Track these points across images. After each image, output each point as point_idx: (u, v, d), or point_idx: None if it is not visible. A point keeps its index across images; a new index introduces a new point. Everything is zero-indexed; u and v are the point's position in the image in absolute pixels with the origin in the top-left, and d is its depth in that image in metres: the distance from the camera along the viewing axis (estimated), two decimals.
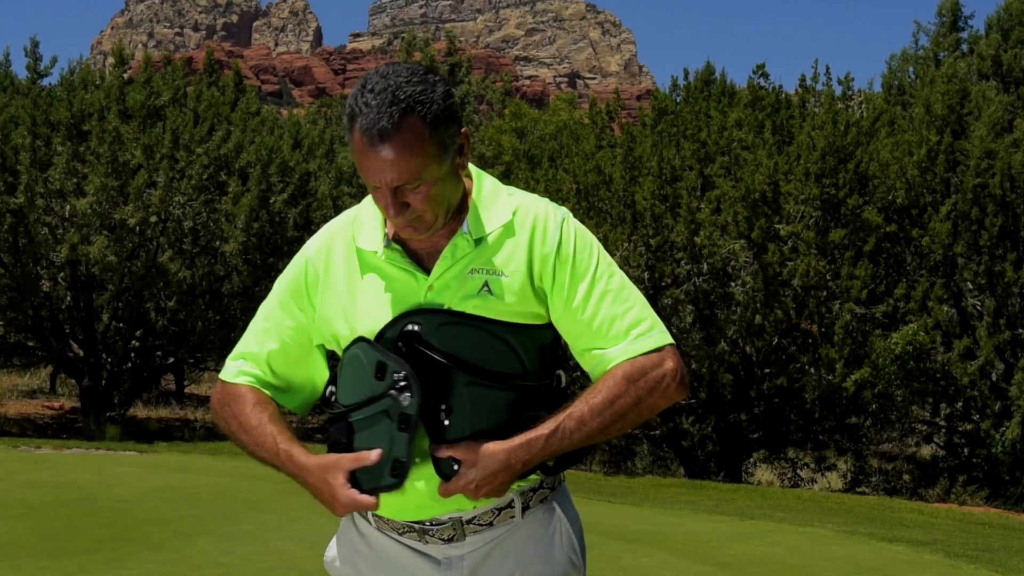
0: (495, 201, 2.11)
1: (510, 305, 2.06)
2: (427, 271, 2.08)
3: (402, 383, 2.02)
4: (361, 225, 2.14)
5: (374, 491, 2.07)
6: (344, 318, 2.12)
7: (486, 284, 2.05)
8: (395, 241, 2.10)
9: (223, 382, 2.24)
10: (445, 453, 2.04)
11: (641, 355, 2.07)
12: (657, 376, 2.06)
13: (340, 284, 2.14)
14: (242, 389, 2.21)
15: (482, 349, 2.05)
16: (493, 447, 2.03)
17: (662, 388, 2.07)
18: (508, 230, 2.09)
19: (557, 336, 2.14)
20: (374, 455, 2.04)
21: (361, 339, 2.09)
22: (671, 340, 2.11)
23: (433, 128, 1.95)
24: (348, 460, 2.06)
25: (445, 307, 2.06)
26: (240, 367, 2.23)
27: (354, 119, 1.97)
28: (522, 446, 2.03)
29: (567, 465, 2.14)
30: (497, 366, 2.06)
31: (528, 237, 2.08)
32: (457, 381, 2.04)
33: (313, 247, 2.20)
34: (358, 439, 2.09)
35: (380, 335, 2.07)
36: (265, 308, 2.24)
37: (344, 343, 2.14)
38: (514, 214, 2.10)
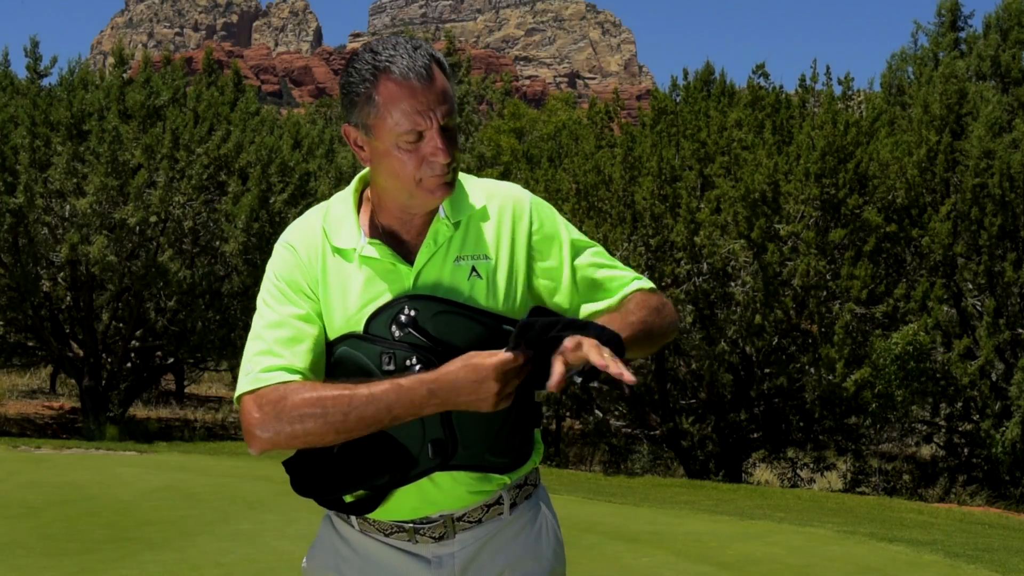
0: (462, 186, 2.13)
1: (499, 288, 2.07)
2: (409, 263, 2.06)
3: (417, 367, 2.01)
4: (334, 224, 2.11)
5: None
6: (328, 316, 2.07)
7: (474, 269, 2.06)
8: (373, 237, 2.08)
9: (270, 385, 1.99)
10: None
11: (650, 290, 2.14)
12: (671, 309, 2.16)
13: (322, 281, 2.09)
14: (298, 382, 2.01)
15: (474, 340, 2.03)
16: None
17: (673, 322, 2.15)
18: (483, 215, 2.10)
19: None
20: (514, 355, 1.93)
21: (351, 335, 2.06)
22: None
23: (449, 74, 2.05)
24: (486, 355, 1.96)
25: (439, 295, 2.05)
26: (281, 363, 2.03)
27: (378, 75, 1.97)
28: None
29: None
30: None
31: (502, 218, 2.11)
32: None
33: (295, 239, 2.11)
34: (381, 434, 2.02)
35: (369, 323, 2.04)
36: (270, 313, 2.07)
37: (330, 337, 2.08)
38: (487, 199, 2.12)
